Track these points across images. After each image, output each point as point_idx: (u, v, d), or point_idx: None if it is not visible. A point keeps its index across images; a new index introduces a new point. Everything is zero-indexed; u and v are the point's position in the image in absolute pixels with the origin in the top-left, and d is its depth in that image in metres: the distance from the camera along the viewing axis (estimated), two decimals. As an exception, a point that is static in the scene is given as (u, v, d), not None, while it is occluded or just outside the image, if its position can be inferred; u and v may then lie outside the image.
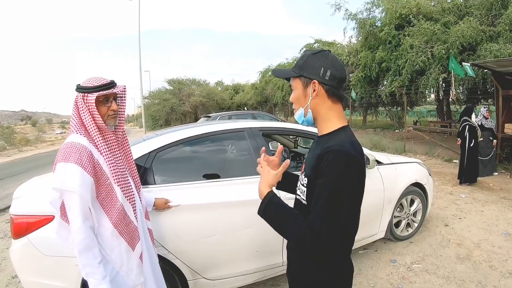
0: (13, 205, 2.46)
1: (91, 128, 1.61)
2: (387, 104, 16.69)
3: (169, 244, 2.33)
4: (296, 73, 1.23)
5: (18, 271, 2.41)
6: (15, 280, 3.51)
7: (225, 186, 2.58)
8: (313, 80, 1.19)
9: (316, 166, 1.14)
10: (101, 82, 1.63)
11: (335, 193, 1.07)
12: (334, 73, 1.19)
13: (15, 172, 11.70)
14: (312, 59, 1.21)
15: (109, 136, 1.69)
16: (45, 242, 2.20)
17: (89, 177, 1.53)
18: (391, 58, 12.73)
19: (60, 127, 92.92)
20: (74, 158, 1.51)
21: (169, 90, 31.42)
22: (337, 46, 18.89)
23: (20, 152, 20.68)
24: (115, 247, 1.65)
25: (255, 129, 2.88)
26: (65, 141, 1.62)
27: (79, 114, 1.63)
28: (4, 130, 28.69)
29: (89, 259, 1.51)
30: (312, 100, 1.22)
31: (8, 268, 3.80)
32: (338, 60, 1.24)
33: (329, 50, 1.27)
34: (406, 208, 3.78)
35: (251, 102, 30.21)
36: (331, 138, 1.18)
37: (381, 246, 3.73)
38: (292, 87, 1.27)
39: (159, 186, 2.42)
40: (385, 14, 13.27)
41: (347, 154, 1.09)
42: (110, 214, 1.62)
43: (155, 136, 2.80)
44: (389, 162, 3.58)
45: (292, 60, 23.73)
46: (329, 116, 1.23)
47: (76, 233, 1.50)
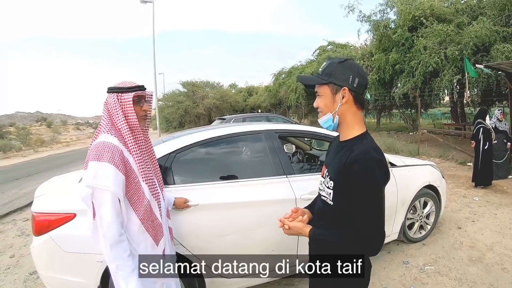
0: (35, 203, 2.57)
1: (123, 128, 1.71)
2: (401, 106, 16.55)
3: (187, 242, 2.42)
4: (325, 80, 1.32)
5: (38, 266, 2.52)
6: (33, 277, 3.63)
7: (242, 187, 2.67)
8: (344, 87, 1.30)
9: (344, 172, 1.27)
10: (134, 84, 1.76)
11: (373, 199, 1.24)
12: (361, 81, 1.31)
13: (31, 172, 11.91)
14: (340, 68, 1.31)
15: (139, 136, 1.79)
16: (66, 239, 2.31)
17: (121, 175, 1.62)
18: (405, 60, 12.66)
19: (77, 127, 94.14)
20: (107, 157, 1.59)
21: (183, 93, 31.59)
22: (350, 48, 18.80)
23: (35, 153, 20.99)
24: (142, 242, 1.73)
25: (271, 131, 2.97)
26: (96, 140, 1.70)
27: (110, 115, 1.73)
28: (20, 131, 29.22)
29: (119, 252, 1.59)
30: (341, 106, 1.32)
31: (26, 265, 3.94)
32: (362, 68, 1.36)
33: (352, 58, 1.41)
34: (419, 210, 3.82)
35: (265, 104, 30.14)
36: (355, 144, 1.31)
37: (394, 248, 3.78)
38: (319, 93, 1.36)
39: (178, 186, 2.52)
40: (398, 16, 13.21)
41: (374, 160, 1.23)
42: (138, 210, 1.71)
43: (172, 138, 2.91)
44: (403, 164, 3.63)
45: (306, 62, 23.71)
46: (353, 122, 1.35)
47: (108, 227, 1.58)
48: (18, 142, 24.75)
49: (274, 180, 2.76)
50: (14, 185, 9.35)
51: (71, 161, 14.63)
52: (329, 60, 1.37)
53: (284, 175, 2.78)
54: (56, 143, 28.92)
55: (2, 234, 5.17)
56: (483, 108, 7.14)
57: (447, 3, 12.47)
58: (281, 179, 2.76)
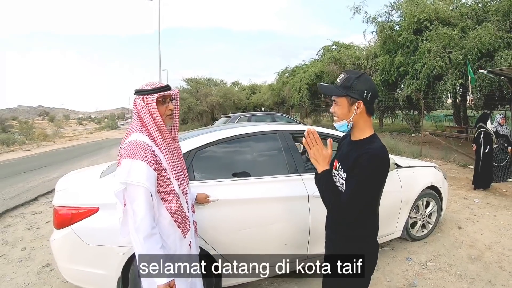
0: (56, 197, 2.66)
1: (152, 128, 1.81)
2: (404, 108, 16.63)
3: (207, 235, 2.54)
4: (344, 93, 1.52)
5: (58, 259, 2.59)
6: (46, 269, 3.70)
7: (258, 184, 2.81)
8: (359, 100, 1.51)
9: (355, 164, 1.49)
10: (159, 85, 1.85)
11: (364, 180, 1.46)
12: (373, 94, 1.53)
13: (36, 166, 11.85)
14: (357, 83, 1.51)
15: (166, 135, 1.86)
16: (88, 232, 2.39)
17: (153, 172, 1.71)
18: (409, 63, 12.78)
19: (79, 122, 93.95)
20: (140, 155, 1.68)
21: (186, 89, 31.48)
22: (354, 48, 18.81)
23: (39, 147, 20.69)
24: (171, 235, 1.83)
25: (286, 132, 3.13)
26: (127, 139, 1.80)
27: (140, 116, 1.83)
28: (22, 125, 29.03)
29: (152, 244, 1.66)
30: (355, 115, 1.54)
31: (38, 258, 4.00)
32: (374, 82, 1.58)
33: (365, 72, 1.64)
34: (422, 209, 3.99)
35: (268, 103, 30.09)
36: (365, 143, 1.54)
37: (397, 245, 3.95)
38: (336, 102, 1.57)
39: (198, 182, 2.62)
40: (403, 18, 13.31)
41: (378, 155, 1.47)
42: (169, 205, 1.80)
43: (193, 136, 3.02)
44: (407, 166, 3.80)
45: (310, 62, 23.85)
46: (365, 127, 1.57)
47: (141, 221, 1.65)
48: (21, 136, 24.40)
49: (288, 178, 2.91)
50: (20, 178, 9.31)
51: (76, 156, 14.51)
52: (346, 73, 1.55)
53: (297, 173, 2.94)
54: (59, 138, 28.67)
55: (11, 227, 5.22)
56: (485, 113, 7.27)
57: (452, 6, 12.55)
58: (295, 177, 2.92)
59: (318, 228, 2.83)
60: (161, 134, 1.84)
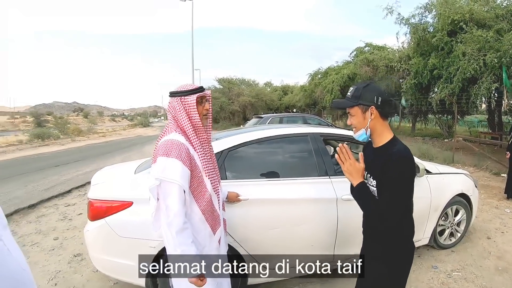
0: (92, 190, 2.82)
1: (188, 127, 1.90)
2: (437, 112, 16.12)
3: (236, 233, 2.62)
4: (355, 103, 1.64)
5: (90, 249, 2.74)
6: (77, 259, 3.85)
7: (288, 185, 2.89)
8: (371, 106, 1.61)
9: (383, 170, 1.58)
10: (194, 86, 1.95)
11: (397, 184, 1.54)
12: (383, 98, 1.62)
13: (70, 160, 12.24)
14: (365, 91, 1.63)
15: (202, 135, 1.95)
16: (121, 224, 2.53)
17: (187, 170, 1.79)
18: (443, 65, 12.43)
19: (112, 119, 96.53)
20: (175, 153, 1.76)
21: (218, 89, 31.89)
22: (387, 50, 18.35)
23: (73, 142, 21.35)
24: (201, 231, 1.90)
25: (317, 134, 3.18)
26: (163, 138, 1.90)
27: (175, 116, 1.92)
28: (57, 120, 30.08)
29: (184, 238, 1.72)
30: (371, 121, 1.63)
31: (69, 247, 4.18)
32: (381, 88, 1.70)
33: (372, 81, 1.80)
34: (450, 217, 3.93)
35: (300, 104, 30.02)
36: (389, 148, 1.62)
37: (424, 252, 3.92)
38: (351, 113, 1.68)
39: (230, 181, 2.72)
40: (437, 19, 12.96)
41: (404, 157, 1.56)
42: (200, 202, 1.88)
43: (226, 136, 3.11)
44: (437, 172, 3.75)
45: (342, 63, 23.61)
46: (383, 131, 1.66)
47: (174, 216, 1.72)
48: (56, 131, 25.12)
49: (318, 180, 2.97)
50: (54, 171, 9.68)
51: (109, 151, 15.02)
52: (354, 86, 1.69)
53: (327, 176, 2.99)
54: (93, 133, 29.40)
55: (45, 217, 5.46)
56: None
57: (487, 7, 12.11)
58: (324, 180, 2.97)
59: (345, 231, 2.91)
60: (196, 134, 1.92)
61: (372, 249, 1.81)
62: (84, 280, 3.40)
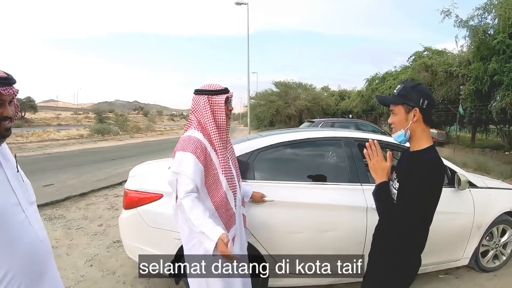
0: (128, 181, 2.98)
1: (210, 126, 1.94)
2: (498, 122, 14.94)
3: (259, 233, 2.60)
4: (400, 102, 1.56)
5: (123, 235, 2.92)
6: (115, 245, 4.07)
7: (317, 189, 2.81)
8: (415, 108, 1.53)
9: (408, 175, 1.52)
10: (222, 87, 1.98)
11: (416, 192, 1.47)
12: (430, 102, 1.55)
13: (125, 155, 12.98)
14: (413, 91, 1.55)
15: (223, 134, 2.00)
16: (151, 215, 2.65)
17: (201, 166, 1.85)
18: (504, 71, 11.45)
19: (171, 118, 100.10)
20: (190, 149, 1.84)
21: (275, 92, 32.36)
22: (447, 55, 17.41)
23: (131, 138, 22.80)
24: None
25: (351, 139, 3.05)
26: (184, 134, 1.97)
27: (198, 114, 1.98)
28: (118, 118, 32.10)
29: (199, 212, 1.74)
30: (412, 124, 1.55)
31: (111, 234, 4.44)
32: (430, 92, 1.62)
33: (421, 83, 1.71)
34: (496, 238, 3.57)
35: (356, 109, 29.60)
36: (423, 154, 1.55)
37: (463, 274, 3.59)
38: (394, 111, 1.60)
39: (257, 181, 2.73)
40: (497, 20, 11.97)
41: (433, 167, 1.50)
42: (214, 198, 1.92)
43: (259, 137, 3.14)
44: (484, 186, 3.44)
45: (400, 68, 22.94)
46: (422, 136, 1.57)
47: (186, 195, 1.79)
48: (116, 127, 27.26)
49: (349, 186, 2.84)
50: (109, 164, 10.40)
51: (163, 149, 15.63)
52: (403, 84, 1.62)
53: (359, 182, 2.85)
54: (151, 131, 31.12)
55: (94, 205, 5.87)
56: None
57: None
58: (356, 187, 2.83)
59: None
60: (219, 134, 1.96)
61: (374, 254, 1.78)
62: (118, 264, 3.60)
